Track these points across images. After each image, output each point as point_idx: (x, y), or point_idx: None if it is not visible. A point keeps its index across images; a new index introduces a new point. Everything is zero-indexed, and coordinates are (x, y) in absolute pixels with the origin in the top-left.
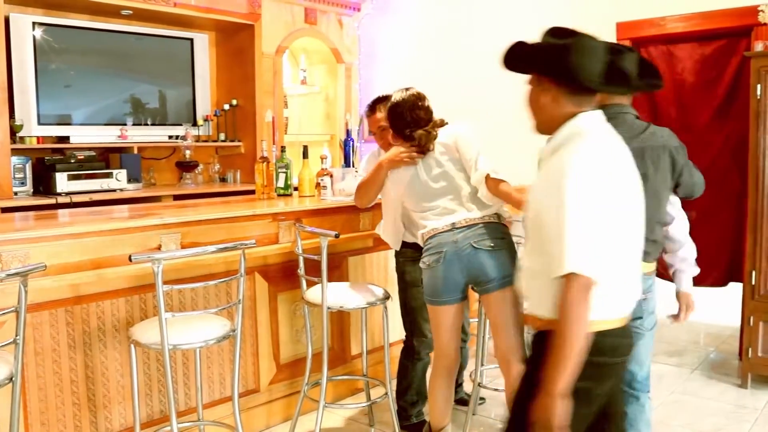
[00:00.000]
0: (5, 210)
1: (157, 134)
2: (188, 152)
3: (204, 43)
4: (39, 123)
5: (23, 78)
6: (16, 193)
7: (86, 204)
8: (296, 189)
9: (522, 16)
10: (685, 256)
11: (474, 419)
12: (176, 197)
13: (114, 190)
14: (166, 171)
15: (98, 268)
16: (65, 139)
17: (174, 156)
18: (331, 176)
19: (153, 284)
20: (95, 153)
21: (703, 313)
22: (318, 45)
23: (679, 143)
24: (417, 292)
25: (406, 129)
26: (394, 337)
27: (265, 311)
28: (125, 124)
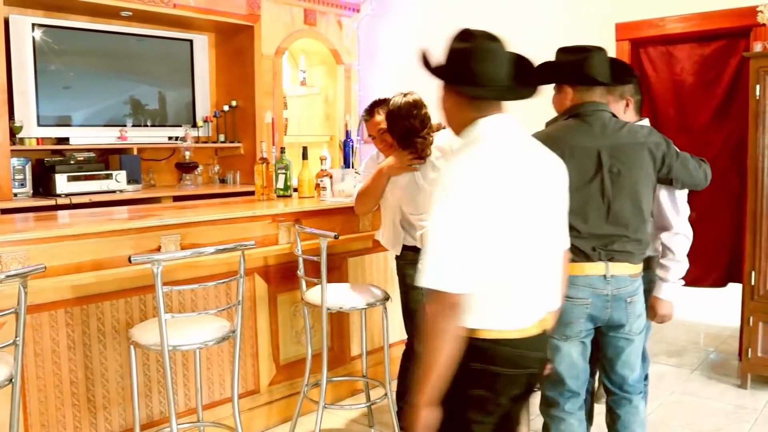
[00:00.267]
0: (5, 211)
1: (157, 135)
2: (188, 153)
3: (203, 45)
4: (39, 124)
5: (23, 79)
6: (16, 195)
7: (86, 205)
8: (296, 190)
9: (522, 18)
10: (676, 273)
11: None
12: (176, 198)
13: (114, 192)
14: (166, 172)
15: (98, 270)
16: (65, 141)
17: (174, 157)
18: (331, 177)
19: (153, 285)
20: (95, 154)
21: (703, 314)
22: (317, 46)
23: (660, 139)
24: (418, 295)
25: (402, 137)
26: (394, 338)
27: (265, 312)
28: (125, 126)
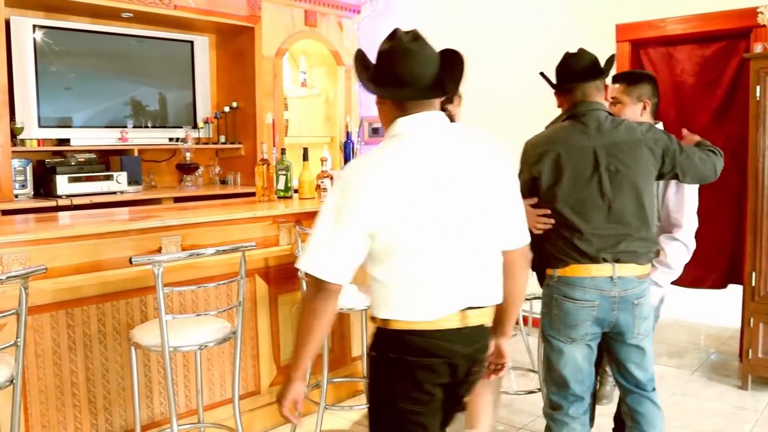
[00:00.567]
0: (6, 212)
1: (158, 136)
2: (188, 154)
3: (204, 46)
4: (39, 125)
5: (24, 80)
6: (17, 196)
7: (87, 206)
8: (296, 191)
9: (522, 19)
10: (661, 276)
11: None
12: (176, 199)
13: (114, 193)
14: (167, 173)
15: (99, 271)
16: (66, 142)
17: (174, 158)
18: (332, 178)
19: (153, 286)
20: (95, 155)
21: (703, 315)
22: (318, 47)
23: (660, 135)
24: None
25: None
26: None
27: (266, 313)
28: (125, 127)
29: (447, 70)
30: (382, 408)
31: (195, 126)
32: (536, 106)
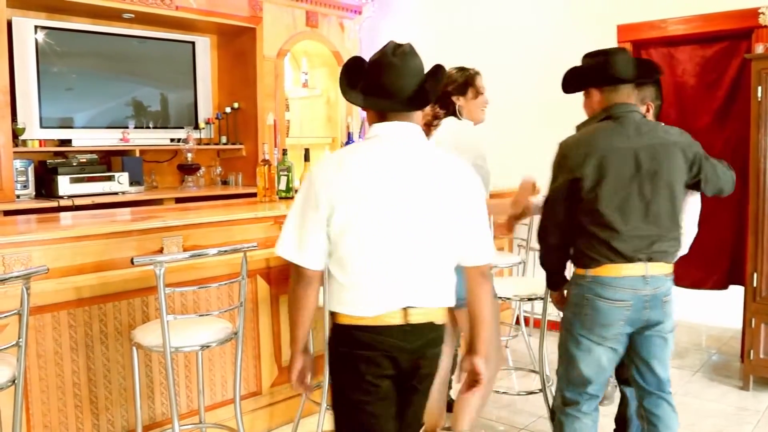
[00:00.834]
0: (7, 213)
1: (159, 137)
2: (190, 155)
3: (206, 46)
4: (41, 126)
5: (25, 81)
6: (19, 196)
7: (88, 207)
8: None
9: (522, 19)
10: None
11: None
12: (178, 200)
13: (116, 193)
14: (168, 174)
15: (100, 271)
16: (67, 142)
17: (176, 159)
18: None
19: (155, 287)
20: (97, 156)
21: (705, 316)
22: (319, 48)
23: (692, 139)
24: None
25: None
26: None
27: (267, 314)
28: (127, 127)
29: (430, 82)
30: (337, 398)
31: (196, 126)
32: (536, 106)
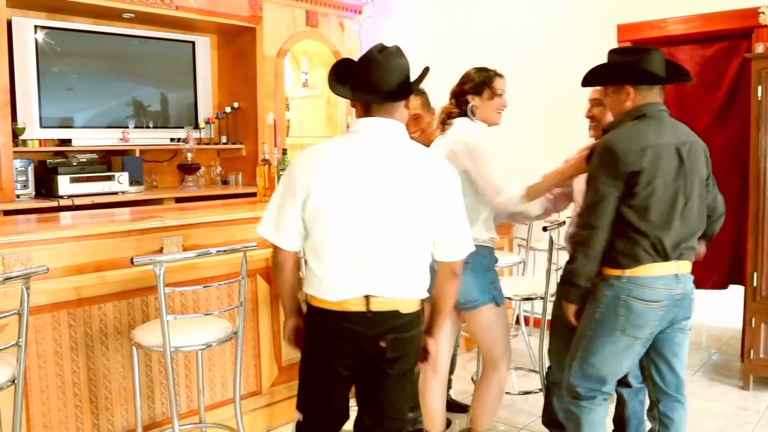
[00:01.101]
0: (7, 213)
1: (159, 137)
2: (190, 155)
3: (206, 46)
4: (41, 126)
5: (25, 81)
6: (19, 196)
7: (88, 207)
8: None
9: (522, 19)
10: None
11: None
12: (178, 200)
13: (116, 193)
14: (168, 174)
15: (100, 271)
16: (67, 142)
17: (176, 159)
18: None
19: (155, 287)
20: (97, 156)
21: (705, 316)
22: (319, 48)
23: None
24: None
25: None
26: None
27: (267, 313)
28: (127, 127)
29: (415, 79)
30: (301, 374)
31: (196, 126)
32: (536, 106)
